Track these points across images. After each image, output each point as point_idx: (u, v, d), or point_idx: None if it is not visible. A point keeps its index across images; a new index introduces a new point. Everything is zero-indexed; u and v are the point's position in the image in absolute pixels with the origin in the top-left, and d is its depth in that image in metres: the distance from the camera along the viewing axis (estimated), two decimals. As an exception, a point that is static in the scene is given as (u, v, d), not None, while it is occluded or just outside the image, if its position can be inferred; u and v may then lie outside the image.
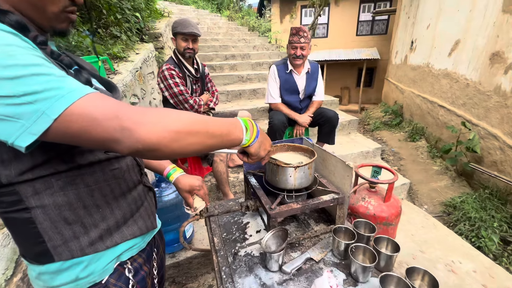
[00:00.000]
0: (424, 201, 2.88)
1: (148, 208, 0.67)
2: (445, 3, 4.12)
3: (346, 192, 0.90)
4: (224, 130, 0.53)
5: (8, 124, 0.36)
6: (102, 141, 0.40)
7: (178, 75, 1.81)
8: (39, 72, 0.37)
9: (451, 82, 3.77)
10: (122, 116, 0.39)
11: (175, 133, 0.43)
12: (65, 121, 0.37)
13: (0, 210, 0.49)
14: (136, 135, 0.39)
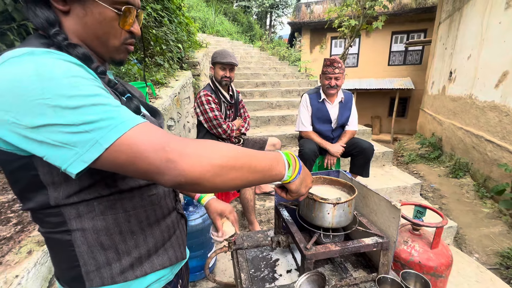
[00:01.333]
0: (475, 249, 2.51)
1: (179, 237, 0.65)
2: (488, 34, 3.94)
3: (392, 237, 0.80)
4: (267, 165, 0.51)
5: (64, 151, 0.37)
6: (147, 172, 0.40)
7: (214, 101, 1.89)
8: (97, 103, 0.38)
9: (500, 116, 3.45)
10: (168, 148, 0.39)
11: (219, 167, 0.42)
12: (115, 151, 0.38)
13: (43, 230, 0.51)
14: (180, 168, 0.39)
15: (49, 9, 0.46)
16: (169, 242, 0.61)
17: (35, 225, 0.75)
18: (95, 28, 0.49)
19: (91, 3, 0.46)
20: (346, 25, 5.61)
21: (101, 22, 0.48)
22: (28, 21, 1.28)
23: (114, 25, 0.50)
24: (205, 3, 12.51)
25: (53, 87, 0.36)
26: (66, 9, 0.47)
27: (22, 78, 0.36)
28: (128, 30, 0.52)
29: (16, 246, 0.68)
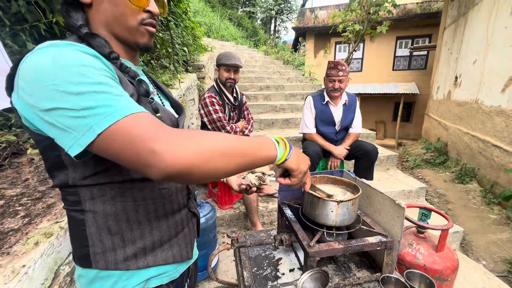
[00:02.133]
0: (482, 256, 2.46)
1: (187, 235, 0.65)
2: (493, 39, 3.92)
3: (396, 236, 0.80)
4: (256, 146, 0.51)
5: (66, 134, 0.40)
6: (136, 163, 0.40)
7: (218, 102, 1.91)
8: (100, 90, 0.40)
9: (507, 120, 3.41)
10: (156, 139, 0.39)
11: (208, 154, 0.42)
12: (107, 138, 0.39)
13: (65, 207, 0.54)
14: (166, 160, 0.39)
15: (77, 10, 0.52)
16: (175, 238, 0.61)
17: (42, 218, 0.77)
18: (113, 12, 0.52)
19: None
20: (351, 30, 5.64)
21: (116, 3, 0.52)
22: (39, 22, 1.32)
23: (128, 4, 0.52)
24: (210, 9, 12.69)
25: (64, 74, 0.39)
26: (89, 1, 0.51)
27: (41, 66, 0.40)
28: (145, 10, 0.54)
29: (23, 237, 0.69)
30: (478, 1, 4.52)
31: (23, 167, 1.04)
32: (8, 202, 0.82)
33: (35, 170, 1.04)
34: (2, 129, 1.11)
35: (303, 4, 14.26)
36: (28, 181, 0.96)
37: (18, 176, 0.99)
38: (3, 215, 0.77)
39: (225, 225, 2.13)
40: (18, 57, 0.44)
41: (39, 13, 1.31)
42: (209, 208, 1.57)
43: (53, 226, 0.74)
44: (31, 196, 0.87)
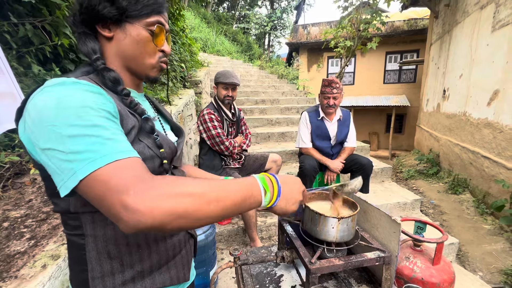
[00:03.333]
0: (478, 267, 2.48)
1: (184, 257, 0.66)
2: (477, 55, 4.14)
3: (394, 251, 0.83)
4: (239, 198, 0.49)
5: (57, 174, 0.42)
6: (109, 214, 0.40)
7: (217, 118, 1.96)
8: (91, 134, 0.41)
9: (494, 132, 3.54)
10: (130, 192, 0.38)
11: (183, 211, 0.41)
12: (88, 184, 0.40)
13: (66, 231, 0.55)
14: (137, 217, 0.38)
15: (95, 40, 0.55)
16: (173, 261, 0.62)
17: (48, 240, 0.78)
18: (133, 49, 0.56)
19: (130, 26, 0.55)
20: (342, 45, 5.87)
21: (138, 42, 0.56)
22: (45, 45, 1.36)
23: (149, 44, 0.57)
24: (206, 24, 13.05)
25: (63, 115, 0.41)
26: (110, 35, 0.55)
27: (46, 106, 0.42)
28: (160, 49, 0.59)
29: (30, 260, 0.70)
30: (460, 19, 4.80)
31: (26, 187, 1.05)
32: (13, 224, 0.83)
33: (38, 190, 1.05)
34: (6, 150, 1.13)
35: (296, 21, 14.78)
36: (31, 201, 0.97)
37: (21, 196, 0.99)
38: (9, 237, 0.78)
39: (224, 241, 2.12)
40: (30, 91, 0.46)
41: (45, 36, 1.36)
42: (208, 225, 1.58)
43: (60, 248, 0.75)
44: (35, 217, 0.88)
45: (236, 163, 2.13)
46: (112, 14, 0.52)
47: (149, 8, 0.55)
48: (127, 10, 0.53)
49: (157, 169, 0.57)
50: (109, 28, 0.55)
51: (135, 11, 0.54)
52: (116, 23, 0.54)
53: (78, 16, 0.54)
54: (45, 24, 1.34)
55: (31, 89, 0.47)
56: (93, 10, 0.52)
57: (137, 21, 0.55)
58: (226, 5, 20.73)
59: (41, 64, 1.41)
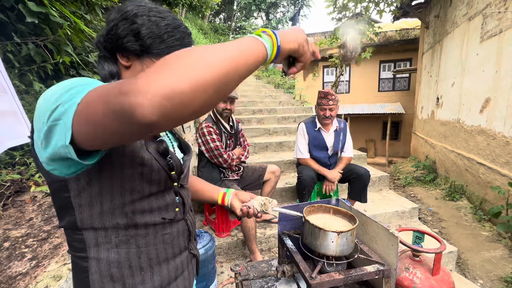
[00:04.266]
0: (478, 275, 2.48)
1: (186, 279, 0.66)
2: (467, 64, 4.26)
3: (392, 264, 0.84)
4: (244, 52, 0.40)
5: (59, 126, 0.39)
6: (120, 119, 0.33)
7: (215, 131, 1.98)
8: (92, 82, 0.42)
9: (488, 139, 3.61)
10: (127, 85, 0.32)
11: (196, 83, 0.33)
12: (86, 103, 0.37)
13: (70, 252, 0.56)
14: (149, 91, 0.31)
15: (114, 64, 0.57)
16: (174, 282, 0.62)
17: (50, 260, 0.78)
18: None
19: (148, 61, 0.56)
20: (337, 56, 6.01)
21: None
22: (46, 63, 1.39)
23: None
24: (203, 35, 13.27)
25: (61, 86, 0.42)
26: (128, 65, 0.57)
27: (47, 91, 0.44)
28: None
29: (32, 281, 0.70)
30: (450, 30, 4.96)
31: (26, 205, 1.06)
32: (14, 244, 0.83)
33: (38, 208, 1.05)
34: (7, 168, 1.13)
35: (291, 31, 15.06)
36: (32, 220, 0.97)
37: (22, 215, 1.00)
38: (10, 258, 0.78)
39: (223, 254, 2.10)
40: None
41: (46, 54, 1.39)
42: (208, 238, 1.57)
43: (62, 268, 0.75)
44: (36, 236, 0.88)
45: (234, 175, 2.14)
46: (134, 48, 0.55)
47: (173, 49, 0.56)
48: (149, 48, 0.55)
49: (163, 184, 0.57)
50: (127, 58, 0.57)
51: (157, 49, 0.55)
52: (136, 55, 0.56)
53: (102, 41, 0.57)
54: (47, 42, 1.38)
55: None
56: (118, 41, 0.55)
57: (157, 58, 0.55)
58: (222, 16, 21.16)
59: (42, 81, 1.44)
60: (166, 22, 0.56)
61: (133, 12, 0.54)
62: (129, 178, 0.52)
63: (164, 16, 0.56)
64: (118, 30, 0.54)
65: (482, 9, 3.84)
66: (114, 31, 0.55)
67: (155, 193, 0.57)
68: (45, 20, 1.36)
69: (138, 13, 0.54)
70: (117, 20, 0.55)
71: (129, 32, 0.54)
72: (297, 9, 18.33)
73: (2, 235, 0.87)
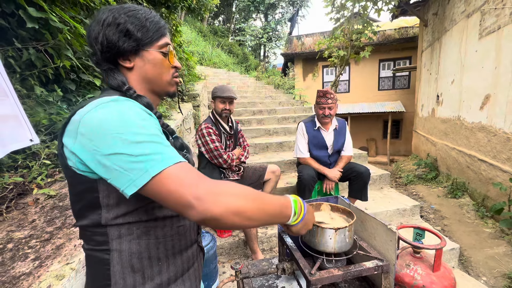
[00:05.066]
0: (481, 271, 2.47)
1: (196, 270, 0.69)
2: (466, 61, 4.26)
3: (391, 260, 0.85)
4: (277, 211, 0.59)
5: (124, 175, 0.46)
6: (179, 205, 0.46)
7: (215, 132, 2.00)
8: (155, 141, 0.49)
9: (489, 136, 3.60)
10: (199, 187, 0.46)
11: (240, 208, 0.49)
12: (159, 181, 0.46)
13: (87, 247, 0.58)
14: (205, 206, 0.45)
15: (119, 73, 0.62)
16: (187, 273, 0.65)
17: (53, 260, 0.79)
18: (153, 71, 0.63)
19: (146, 53, 0.61)
20: (336, 55, 6.02)
21: (155, 65, 0.62)
22: (47, 68, 1.41)
23: (165, 64, 0.64)
24: (202, 38, 13.34)
25: (128, 126, 0.48)
26: (131, 65, 0.61)
27: (108, 118, 0.48)
28: (173, 66, 0.66)
29: (35, 281, 0.71)
30: (448, 27, 4.96)
31: (29, 208, 1.07)
32: (17, 245, 0.85)
33: (41, 210, 1.06)
34: (9, 171, 1.15)
35: (290, 32, 15.15)
36: (35, 222, 0.98)
37: (25, 217, 1.01)
38: (13, 258, 0.79)
39: (225, 254, 2.11)
40: (72, 111, 0.53)
41: (47, 58, 1.41)
42: (209, 238, 1.58)
43: (64, 267, 0.76)
44: (39, 237, 0.89)
45: (235, 175, 2.15)
46: (131, 46, 0.59)
47: (157, 33, 0.62)
48: (142, 40, 0.60)
49: None
50: (129, 59, 0.61)
51: (147, 38, 0.60)
52: (134, 53, 0.60)
53: (99, 56, 0.60)
54: (47, 47, 1.39)
55: (74, 108, 0.53)
56: (115, 47, 0.58)
57: (150, 47, 0.61)
58: (221, 18, 21.26)
59: (43, 85, 1.46)
60: (141, 12, 0.61)
61: (110, 16, 0.58)
62: None
63: (136, 9, 0.61)
64: (109, 37, 0.58)
65: (480, 6, 3.84)
66: (106, 41, 0.58)
67: None
68: (45, 25, 1.38)
69: (115, 15, 0.58)
70: (102, 31, 0.58)
71: (119, 33, 0.58)
72: (296, 10, 18.39)
73: (6, 236, 0.89)
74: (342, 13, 5.76)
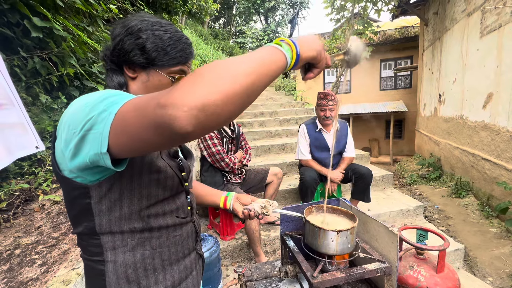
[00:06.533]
0: (487, 272, 2.45)
1: (195, 278, 0.69)
2: (468, 59, 4.24)
3: (393, 262, 0.85)
4: (267, 61, 0.43)
5: (94, 134, 0.41)
6: (159, 128, 0.36)
7: (217, 136, 2.01)
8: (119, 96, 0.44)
9: (492, 135, 3.58)
10: (163, 96, 0.35)
11: (217, 88, 0.36)
12: (122, 114, 0.39)
13: (84, 256, 0.58)
14: (184, 102, 0.33)
15: (121, 76, 0.60)
16: (185, 282, 0.64)
17: (59, 265, 0.81)
18: (156, 86, 0.60)
19: (153, 72, 0.59)
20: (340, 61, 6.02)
21: (158, 87, 0.60)
22: (51, 75, 1.44)
23: (169, 81, 0.60)
24: (203, 41, 13.41)
25: (96, 95, 0.45)
26: (134, 76, 0.60)
27: (80, 101, 0.47)
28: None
29: (43, 286, 0.73)
30: (449, 26, 4.95)
31: (35, 214, 1.09)
32: (24, 251, 0.86)
33: (47, 216, 1.08)
34: (16, 178, 1.17)
35: (290, 34, 15.20)
36: (41, 228, 1.00)
37: (31, 223, 1.03)
38: (21, 264, 0.81)
39: (228, 257, 2.11)
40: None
41: (51, 66, 1.44)
42: (212, 241, 1.59)
43: (70, 273, 0.77)
44: (46, 243, 0.91)
45: (237, 178, 2.16)
46: (140, 61, 0.58)
47: (175, 60, 0.59)
48: (154, 60, 0.58)
49: (176, 188, 0.62)
50: (134, 70, 0.60)
51: (162, 62, 0.58)
52: (142, 67, 0.59)
53: (109, 55, 0.60)
54: (51, 55, 1.42)
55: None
56: (125, 55, 0.58)
57: (161, 69, 0.59)
58: (222, 21, 21.38)
59: (47, 93, 1.49)
60: (169, 35, 0.59)
61: (137, 27, 0.57)
62: (147, 184, 0.55)
63: (167, 30, 0.59)
64: (124, 45, 0.57)
65: (480, 5, 3.83)
66: (120, 46, 0.58)
67: (168, 197, 0.60)
68: (50, 34, 1.41)
69: (142, 27, 0.57)
70: (122, 35, 0.58)
71: (135, 46, 0.57)
72: (296, 11, 18.45)
73: (13, 242, 0.90)
74: (342, 14, 5.78)
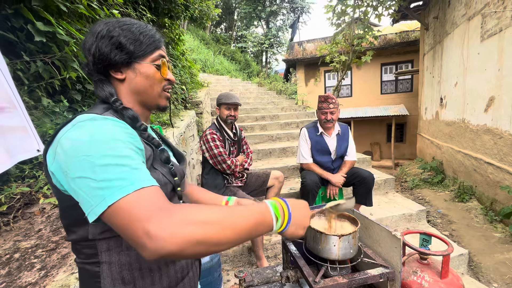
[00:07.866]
0: (492, 278, 2.41)
1: (191, 279, 0.68)
2: (469, 63, 4.24)
3: (397, 267, 0.83)
4: (252, 223, 0.51)
5: (86, 201, 0.45)
6: (132, 241, 0.42)
7: (219, 138, 2.02)
8: (121, 163, 0.46)
9: (495, 138, 3.56)
10: (152, 220, 0.41)
11: (200, 236, 0.43)
12: (114, 211, 0.43)
13: (78, 260, 0.58)
14: (158, 243, 0.40)
15: (110, 84, 0.62)
16: (181, 283, 0.64)
17: (58, 269, 0.80)
18: (143, 83, 0.63)
19: (138, 65, 0.61)
20: (337, 60, 6.04)
21: (147, 77, 0.62)
22: (54, 79, 1.45)
23: (156, 76, 0.63)
24: (205, 45, 13.54)
25: (97, 147, 0.47)
26: (123, 77, 0.61)
27: (79, 139, 0.48)
28: (166, 78, 0.66)
29: (41, 291, 0.72)
30: (450, 30, 4.96)
31: (36, 217, 1.09)
32: (24, 254, 0.86)
33: (47, 220, 1.08)
34: (16, 181, 1.17)
35: (291, 38, 15.30)
36: (41, 231, 1.00)
37: (31, 227, 1.02)
38: (20, 268, 0.80)
39: (229, 262, 2.09)
40: (59, 126, 0.53)
41: (54, 70, 1.45)
42: (213, 246, 1.57)
43: (70, 277, 0.77)
44: (45, 247, 0.90)
45: (238, 181, 2.15)
46: (123, 58, 0.59)
47: (151, 46, 0.62)
48: (134, 53, 0.60)
49: (169, 194, 0.62)
50: (121, 71, 0.61)
51: (140, 51, 0.61)
52: (126, 65, 0.61)
53: (92, 67, 0.61)
54: (54, 59, 1.43)
55: (61, 124, 0.53)
56: (107, 59, 0.59)
57: (143, 60, 0.62)
58: (223, 26, 21.59)
59: (49, 96, 1.49)
60: (135, 26, 0.62)
61: (105, 29, 0.59)
62: None
63: (131, 23, 0.62)
64: (102, 49, 0.58)
65: (480, 9, 3.84)
66: (99, 52, 0.59)
67: None
68: (53, 38, 1.42)
69: (110, 28, 0.59)
70: (96, 43, 0.59)
71: (112, 46, 0.59)
72: (297, 16, 18.61)
73: (13, 246, 0.90)
74: (343, 18, 5.81)
